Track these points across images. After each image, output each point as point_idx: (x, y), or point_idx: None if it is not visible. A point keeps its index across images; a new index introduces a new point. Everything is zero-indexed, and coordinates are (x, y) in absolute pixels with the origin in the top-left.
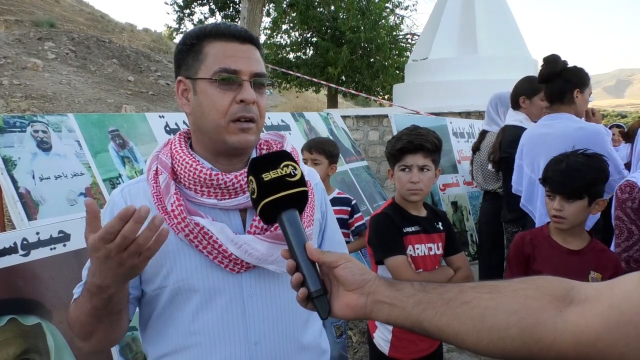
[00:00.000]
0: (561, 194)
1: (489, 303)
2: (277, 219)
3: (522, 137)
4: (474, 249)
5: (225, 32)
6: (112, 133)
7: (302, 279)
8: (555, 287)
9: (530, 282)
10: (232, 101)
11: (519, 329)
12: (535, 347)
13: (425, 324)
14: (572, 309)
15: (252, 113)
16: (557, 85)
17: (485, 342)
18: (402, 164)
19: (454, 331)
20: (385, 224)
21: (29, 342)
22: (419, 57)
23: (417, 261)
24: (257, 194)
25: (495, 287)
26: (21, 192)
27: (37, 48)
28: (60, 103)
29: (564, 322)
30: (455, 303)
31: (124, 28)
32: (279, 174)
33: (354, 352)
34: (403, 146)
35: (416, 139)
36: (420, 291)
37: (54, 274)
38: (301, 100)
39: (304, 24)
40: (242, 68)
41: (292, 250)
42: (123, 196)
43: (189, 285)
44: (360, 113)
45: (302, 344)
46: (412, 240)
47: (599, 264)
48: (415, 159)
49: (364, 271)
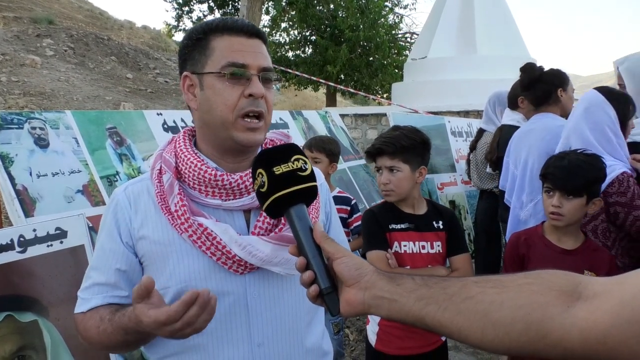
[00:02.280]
0: (561, 190)
1: (494, 298)
2: (284, 213)
3: (512, 136)
4: (472, 247)
5: (232, 26)
6: (110, 130)
7: (313, 276)
8: (562, 282)
9: (536, 276)
10: (240, 95)
11: (525, 324)
12: (541, 343)
13: (428, 320)
14: (580, 305)
15: (261, 107)
16: (539, 89)
17: (489, 338)
18: (376, 166)
19: (457, 327)
20: (369, 220)
21: (25, 339)
22: (417, 56)
23: (403, 258)
24: (268, 187)
25: (500, 282)
26: (18, 189)
27: (35, 45)
28: (59, 100)
29: (571, 318)
30: (458, 298)
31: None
32: (291, 168)
33: (351, 350)
34: (369, 150)
35: (380, 142)
36: (422, 286)
37: (51, 271)
38: (300, 98)
39: (303, 22)
40: (250, 62)
41: (301, 246)
42: (127, 195)
43: (192, 286)
44: (358, 112)
45: (305, 346)
46: (398, 237)
47: (593, 263)
48: (382, 161)
49: (359, 265)
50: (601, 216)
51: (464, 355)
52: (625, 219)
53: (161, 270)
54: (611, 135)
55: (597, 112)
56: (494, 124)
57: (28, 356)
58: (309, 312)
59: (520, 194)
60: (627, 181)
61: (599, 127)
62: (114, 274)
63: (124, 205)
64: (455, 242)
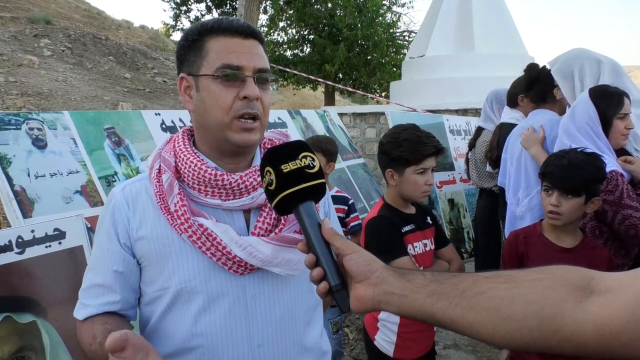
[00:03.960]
0: (561, 189)
1: (506, 293)
2: (293, 211)
3: (509, 134)
4: (471, 245)
5: (227, 27)
6: (108, 130)
7: (323, 273)
8: (575, 277)
9: (548, 271)
10: (235, 98)
11: (537, 320)
12: (554, 338)
13: (439, 316)
14: (593, 300)
15: (256, 109)
16: (538, 88)
17: (501, 334)
18: (420, 167)
19: (469, 322)
20: (385, 226)
21: (24, 340)
22: (415, 55)
23: (417, 260)
24: (276, 185)
25: (512, 277)
26: (16, 190)
27: (33, 45)
28: (57, 100)
29: (584, 314)
30: (469, 294)
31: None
32: (299, 165)
33: (350, 349)
34: (425, 150)
35: (435, 141)
36: (433, 281)
37: (49, 271)
38: (298, 97)
39: (301, 21)
40: (245, 64)
41: (310, 243)
42: (124, 196)
43: (192, 287)
44: (357, 110)
45: (304, 346)
46: (410, 239)
47: (591, 261)
48: (431, 161)
49: (369, 262)
50: (590, 214)
51: (463, 354)
52: (613, 217)
53: (160, 271)
54: (592, 133)
55: (579, 110)
56: (492, 122)
57: (27, 357)
58: (307, 312)
59: (516, 191)
60: (615, 179)
61: (582, 125)
62: (111, 276)
63: (122, 205)
64: (442, 234)
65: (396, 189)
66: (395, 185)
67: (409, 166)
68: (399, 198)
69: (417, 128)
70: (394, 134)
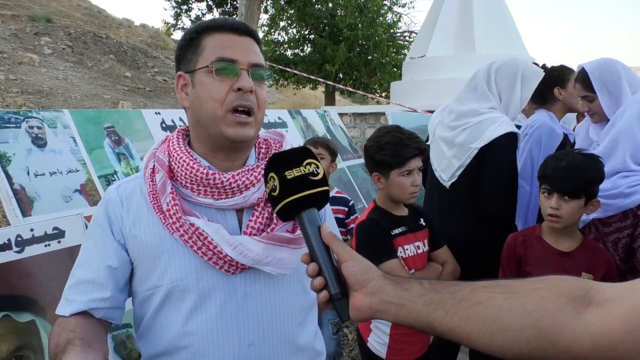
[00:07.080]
0: (560, 192)
1: (503, 303)
2: (295, 217)
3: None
4: None
5: (222, 24)
6: (108, 129)
7: (324, 282)
8: (573, 287)
9: (546, 282)
10: (229, 89)
11: (535, 330)
12: (551, 349)
13: (435, 325)
14: (591, 311)
15: (250, 102)
16: (538, 88)
17: (498, 344)
18: (405, 169)
19: (466, 332)
20: (373, 229)
21: (22, 339)
22: (416, 55)
23: (408, 262)
24: (279, 192)
25: (509, 287)
26: (16, 189)
27: (33, 43)
28: (57, 98)
29: (582, 324)
30: (467, 303)
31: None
32: (302, 172)
33: (349, 349)
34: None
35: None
36: (430, 290)
37: (48, 271)
38: (298, 97)
39: (301, 21)
40: (240, 58)
41: (312, 250)
42: (119, 194)
43: (183, 286)
44: (357, 110)
45: (296, 346)
46: (401, 241)
47: (591, 264)
48: (416, 162)
49: (366, 270)
50: (627, 230)
51: (462, 355)
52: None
53: (152, 270)
54: None
55: None
56: None
57: (26, 356)
58: (300, 312)
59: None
60: None
61: None
62: (105, 272)
63: (116, 203)
64: (436, 236)
65: (384, 191)
66: (382, 189)
67: (393, 169)
68: (388, 200)
69: (400, 130)
70: (377, 138)
